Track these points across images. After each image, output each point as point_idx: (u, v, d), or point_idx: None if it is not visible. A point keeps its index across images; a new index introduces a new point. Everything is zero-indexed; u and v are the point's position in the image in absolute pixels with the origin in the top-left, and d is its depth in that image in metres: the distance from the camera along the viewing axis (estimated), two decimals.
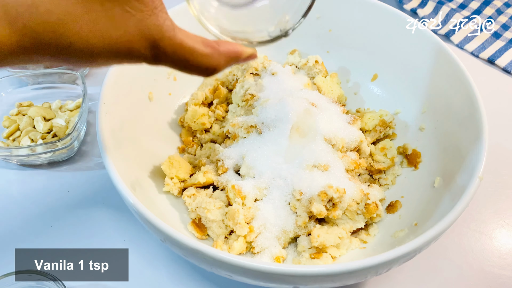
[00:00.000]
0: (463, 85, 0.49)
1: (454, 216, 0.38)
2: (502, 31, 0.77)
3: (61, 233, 0.51)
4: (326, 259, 0.44)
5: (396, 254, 0.35)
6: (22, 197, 0.54)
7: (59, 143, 0.54)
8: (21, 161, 0.56)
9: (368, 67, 0.62)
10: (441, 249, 0.51)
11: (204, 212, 0.46)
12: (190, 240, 0.36)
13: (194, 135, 0.57)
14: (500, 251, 0.51)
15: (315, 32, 0.63)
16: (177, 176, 0.50)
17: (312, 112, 0.50)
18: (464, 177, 0.42)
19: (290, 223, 0.46)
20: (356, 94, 0.63)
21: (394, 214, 0.49)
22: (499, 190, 0.57)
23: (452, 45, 0.76)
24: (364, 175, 0.54)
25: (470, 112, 0.47)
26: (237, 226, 0.44)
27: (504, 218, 0.54)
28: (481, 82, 0.51)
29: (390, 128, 0.57)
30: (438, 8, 0.80)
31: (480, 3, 0.82)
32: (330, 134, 0.49)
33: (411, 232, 0.44)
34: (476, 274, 0.49)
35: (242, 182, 0.47)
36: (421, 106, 0.56)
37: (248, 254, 0.46)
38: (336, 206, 0.46)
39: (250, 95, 0.55)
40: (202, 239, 0.47)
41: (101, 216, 0.53)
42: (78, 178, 0.56)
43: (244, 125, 0.51)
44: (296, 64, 0.62)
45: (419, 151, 0.53)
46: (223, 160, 0.50)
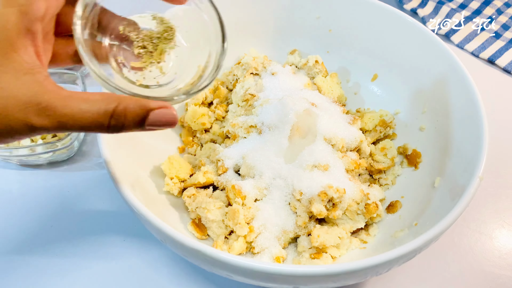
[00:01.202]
0: (463, 85, 0.49)
1: (454, 216, 0.38)
2: (502, 31, 0.77)
3: (61, 233, 0.51)
4: (326, 259, 0.44)
5: (396, 254, 0.35)
6: (22, 197, 0.54)
7: (59, 143, 0.54)
8: (21, 161, 0.56)
9: (368, 67, 0.62)
10: (441, 249, 0.51)
11: (204, 212, 0.46)
12: (190, 240, 0.36)
13: (194, 135, 0.57)
14: (500, 251, 0.51)
15: (315, 32, 0.63)
16: (177, 176, 0.50)
17: (312, 112, 0.50)
18: (464, 177, 0.42)
19: (290, 223, 0.46)
20: (356, 94, 0.63)
21: (394, 214, 0.49)
22: (499, 190, 0.57)
23: (452, 45, 0.76)
24: (364, 175, 0.54)
25: (470, 112, 0.47)
26: (237, 226, 0.44)
27: (504, 218, 0.54)
28: (481, 82, 0.51)
29: (390, 128, 0.57)
30: (438, 8, 0.80)
31: (480, 3, 0.82)
32: (330, 134, 0.49)
33: (411, 232, 0.44)
34: (476, 274, 0.49)
35: (242, 182, 0.47)
36: (421, 106, 0.56)
37: (248, 254, 0.46)
38: (336, 206, 0.46)
39: (250, 95, 0.55)
40: (202, 239, 0.47)
41: (101, 216, 0.53)
42: (78, 178, 0.56)
43: (244, 125, 0.51)
44: (296, 64, 0.62)
45: (419, 151, 0.53)
46: (223, 160, 0.50)
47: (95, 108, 0.29)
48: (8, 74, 0.26)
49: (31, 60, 0.28)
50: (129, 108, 0.29)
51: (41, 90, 0.27)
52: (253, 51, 0.63)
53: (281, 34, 0.64)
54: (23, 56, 0.27)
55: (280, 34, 0.64)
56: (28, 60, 0.27)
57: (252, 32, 0.63)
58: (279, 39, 0.64)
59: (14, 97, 0.26)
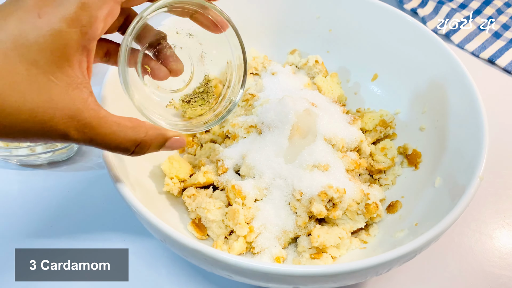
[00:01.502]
0: (463, 85, 0.49)
1: (454, 216, 0.38)
2: (503, 31, 0.77)
3: (61, 233, 0.51)
4: (326, 259, 0.44)
5: (396, 254, 0.35)
6: (22, 197, 0.54)
7: (59, 143, 0.54)
8: (21, 161, 0.56)
9: (368, 67, 0.62)
10: (441, 249, 0.51)
11: (204, 212, 0.46)
12: (190, 240, 0.36)
13: (194, 135, 0.57)
14: (500, 251, 0.51)
15: (315, 32, 0.63)
16: (177, 176, 0.50)
17: (312, 112, 0.50)
18: (464, 177, 0.42)
19: (290, 223, 0.46)
20: (356, 94, 0.63)
21: (394, 214, 0.49)
22: (499, 190, 0.57)
23: (452, 45, 0.76)
24: (364, 175, 0.54)
25: (470, 112, 0.47)
26: (237, 226, 0.44)
27: (505, 218, 0.54)
28: (481, 82, 0.51)
29: (390, 128, 0.56)
30: (438, 8, 0.80)
31: (481, 3, 0.81)
32: (330, 134, 0.49)
33: (411, 232, 0.44)
34: (476, 274, 0.49)
35: (242, 182, 0.47)
36: (421, 106, 0.56)
37: (248, 254, 0.46)
38: (336, 206, 0.46)
39: (250, 95, 0.55)
40: (202, 239, 0.47)
41: (101, 216, 0.53)
42: (78, 178, 0.56)
43: (244, 125, 0.51)
44: (296, 64, 0.62)
45: (419, 151, 0.53)
46: (223, 160, 0.50)
47: (125, 134, 0.32)
48: (60, 87, 0.29)
49: (82, 76, 0.31)
50: (152, 138, 0.34)
51: (84, 108, 0.30)
52: (253, 51, 0.63)
53: (281, 34, 0.64)
54: (76, 71, 0.30)
55: (280, 34, 0.64)
56: (79, 75, 0.30)
57: (252, 32, 0.63)
58: (279, 39, 0.64)
59: (61, 109, 0.29)
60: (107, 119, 0.31)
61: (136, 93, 0.37)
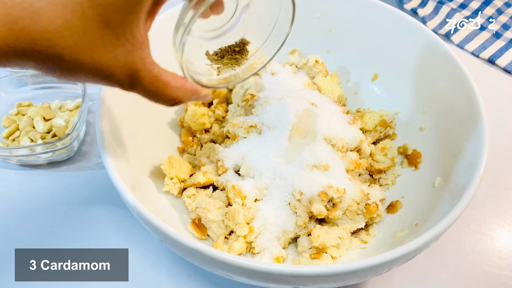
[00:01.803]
0: (463, 85, 0.49)
1: (454, 216, 0.38)
2: (503, 31, 0.77)
3: (61, 233, 0.51)
4: (326, 259, 0.44)
5: (396, 254, 0.35)
6: (22, 197, 0.54)
7: (59, 143, 0.54)
8: (21, 161, 0.56)
9: (368, 67, 0.62)
10: (441, 249, 0.51)
11: (204, 212, 0.46)
12: (190, 240, 0.36)
13: (194, 135, 0.57)
14: (500, 251, 0.51)
15: (315, 32, 0.63)
16: (177, 176, 0.50)
17: (312, 112, 0.50)
18: (464, 177, 0.42)
19: (290, 223, 0.46)
20: (356, 94, 0.63)
21: (394, 214, 0.49)
22: (499, 190, 0.57)
23: (452, 45, 0.76)
24: (365, 175, 0.54)
25: (470, 112, 0.47)
26: (237, 226, 0.44)
27: (505, 218, 0.54)
28: (481, 82, 0.51)
29: (390, 128, 0.56)
30: (438, 8, 0.80)
31: (481, 3, 0.82)
32: (330, 134, 0.49)
33: (411, 232, 0.44)
34: (476, 274, 0.49)
35: (242, 182, 0.47)
36: (421, 106, 0.56)
37: (248, 255, 0.46)
38: (336, 206, 0.46)
39: (250, 95, 0.55)
40: (202, 239, 0.47)
41: (101, 216, 0.53)
42: (78, 178, 0.56)
43: (244, 125, 0.51)
44: (296, 64, 0.62)
45: (419, 151, 0.53)
46: (223, 160, 0.50)
47: (169, 93, 0.35)
48: (125, 48, 0.30)
49: (145, 35, 0.32)
50: (189, 96, 0.37)
51: (142, 67, 0.32)
52: None
53: None
54: (141, 31, 0.31)
55: None
56: (143, 35, 0.32)
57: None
58: None
59: (122, 67, 0.31)
60: (158, 78, 0.33)
61: None
